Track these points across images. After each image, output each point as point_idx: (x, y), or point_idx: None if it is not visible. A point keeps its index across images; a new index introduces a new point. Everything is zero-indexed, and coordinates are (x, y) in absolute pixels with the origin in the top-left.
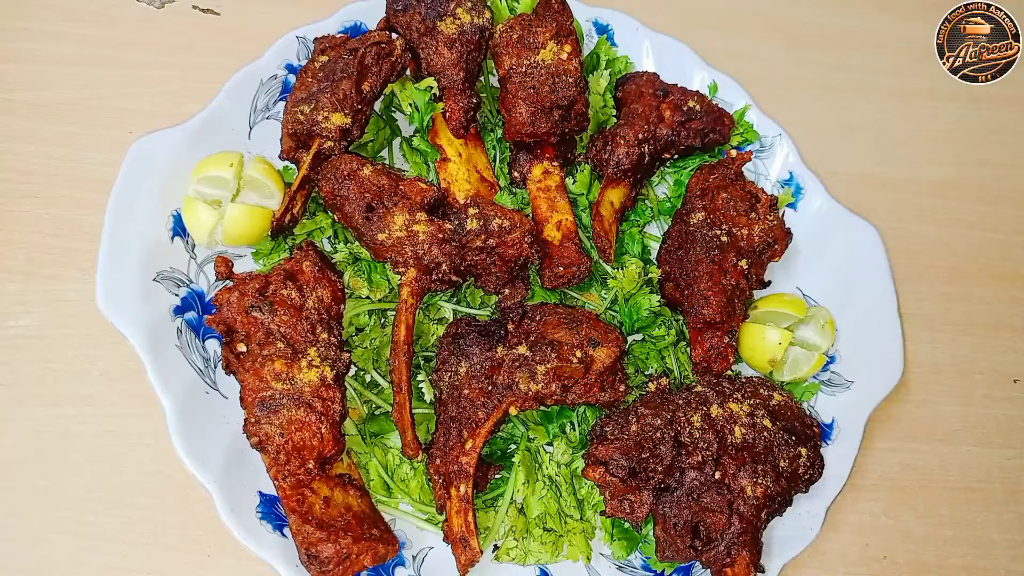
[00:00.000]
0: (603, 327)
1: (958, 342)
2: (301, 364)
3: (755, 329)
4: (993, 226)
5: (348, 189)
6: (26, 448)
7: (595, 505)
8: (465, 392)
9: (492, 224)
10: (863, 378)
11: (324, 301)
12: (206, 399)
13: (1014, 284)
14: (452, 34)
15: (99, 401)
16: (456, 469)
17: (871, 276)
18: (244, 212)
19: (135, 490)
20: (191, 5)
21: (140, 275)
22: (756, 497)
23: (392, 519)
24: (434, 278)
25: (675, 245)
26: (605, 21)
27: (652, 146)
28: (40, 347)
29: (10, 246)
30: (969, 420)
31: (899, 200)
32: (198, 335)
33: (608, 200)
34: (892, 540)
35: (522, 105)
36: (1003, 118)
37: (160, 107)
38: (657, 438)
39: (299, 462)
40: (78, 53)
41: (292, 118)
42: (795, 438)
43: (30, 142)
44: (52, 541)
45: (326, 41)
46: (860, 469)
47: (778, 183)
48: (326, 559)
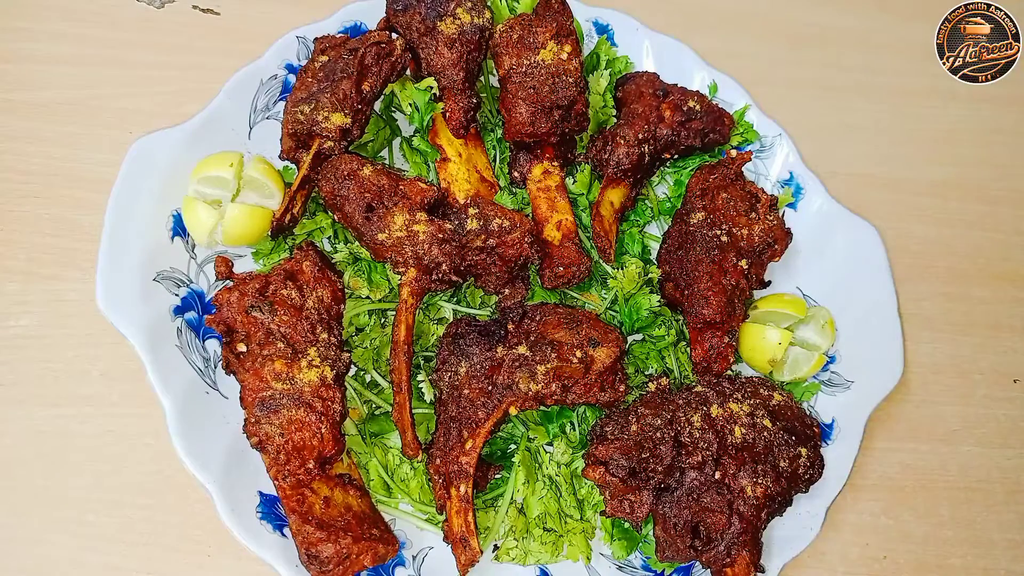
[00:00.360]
0: (603, 327)
1: (958, 342)
2: (301, 364)
3: (755, 329)
4: (993, 226)
5: (348, 189)
6: (26, 448)
7: (595, 505)
8: (465, 392)
9: (492, 224)
10: (863, 378)
11: (324, 301)
12: (206, 399)
13: (1014, 284)
14: (452, 34)
15: (99, 401)
16: (456, 469)
17: (871, 276)
18: (244, 212)
19: (135, 490)
20: (191, 5)
21: (140, 275)
22: (756, 497)
23: (392, 519)
24: (434, 278)
25: (675, 245)
26: (605, 21)
27: (652, 146)
28: (40, 347)
29: (10, 246)
30: (969, 420)
31: (899, 200)
32: (198, 335)
33: (608, 200)
34: (892, 540)
35: (522, 105)
36: (1003, 118)
37: (160, 107)
38: (657, 438)
39: (299, 462)
40: (78, 53)
41: (292, 118)
42: (795, 438)
43: (30, 142)
44: (52, 541)
45: (326, 41)
46: (860, 469)
47: (778, 183)
48: (326, 559)
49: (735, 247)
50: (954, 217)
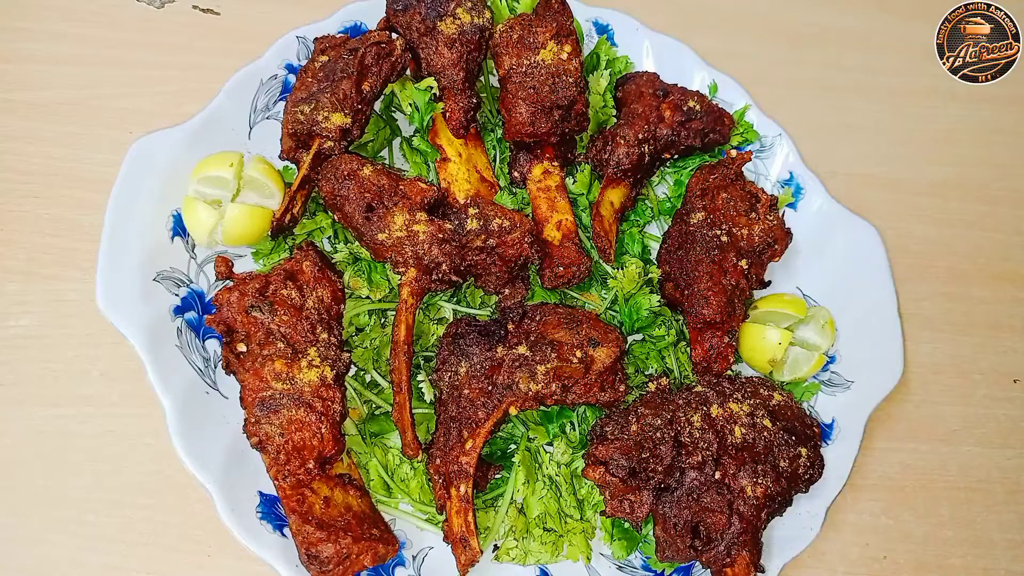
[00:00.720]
0: (603, 327)
1: (958, 342)
2: (301, 364)
3: (755, 329)
4: (993, 226)
5: (348, 189)
6: (26, 448)
7: (595, 505)
8: (465, 392)
9: (492, 224)
10: (863, 378)
11: (324, 301)
12: (206, 399)
13: (1014, 284)
14: (452, 34)
15: (99, 401)
16: (456, 469)
17: (871, 276)
18: (244, 212)
19: (135, 490)
20: (191, 5)
21: (140, 275)
22: (756, 497)
23: (392, 519)
24: (434, 278)
25: (675, 245)
26: (605, 21)
27: (652, 146)
28: (40, 347)
29: (10, 246)
30: (969, 420)
31: (899, 200)
32: (198, 335)
33: (608, 200)
34: (892, 540)
35: (522, 105)
36: (1003, 118)
37: (160, 107)
38: (657, 438)
39: (299, 462)
40: (78, 53)
41: (292, 118)
42: (795, 438)
43: (30, 142)
44: (52, 541)
45: (326, 41)
46: (860, 469)
47: (778, 183)
48: (326, 559)
49: (735, 247)
50: (954, 217)
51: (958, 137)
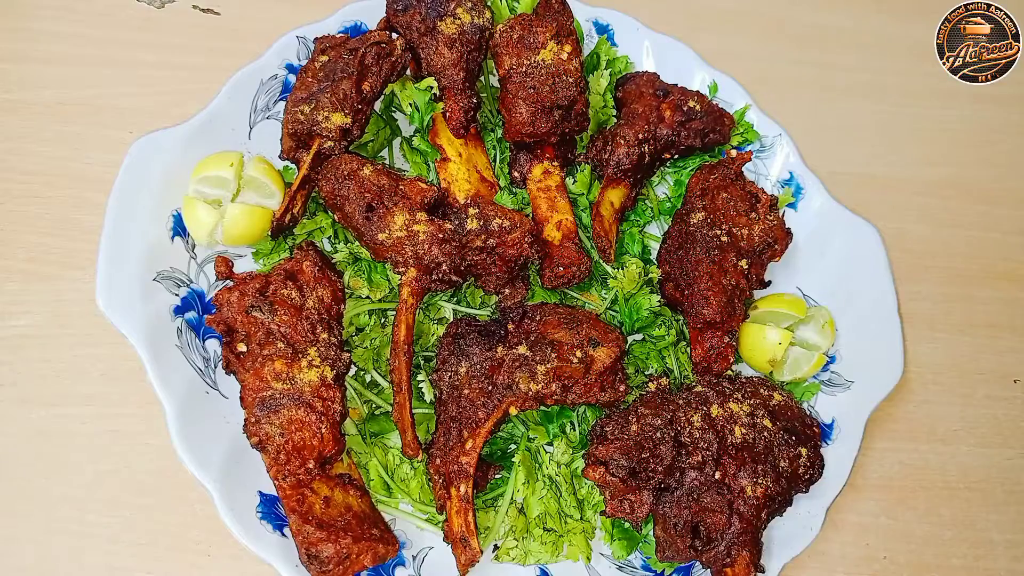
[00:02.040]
0: (603, 327)
1: (958, 342)
2: (301, 364)
3: (755, 329)
4: (993, 226)
5: (348, 189)
6: (26, 448)
7: (595, 505)
8: (465, 392)
9: (492, 224)
10: (863, 378)
11: (324, 301)
12: (206, 399)
13: (1014, 284)
14: (452, 34)
15: (99, 401)
16: (456, 469)
17: (871, 276)
18: (244, 212)
19: (135, 490)
20: (191, 5)
21: (140, 275)
22: (756, 497)
23: (392, 519)
24: (434, 278)
25: (675, 245)
26: (605, 21)
27: (652, 146)
28: (40, 347)
29: (10, 246)
30: (969, 420)
31: (899, 200)
32: (198, 335)
33: (608, 200)
34: (892, 540)
35: (522, 105)
36: (1003, 118)
37: (160, 107)
38: (657, 438)
39: (299, 462)
40: (78, 53)
41: (292, 118)
42: (795, 438)
43: (30, 142)
44: (52, 541)
45: (326, 41)
46: (860, 469)
47: (778, 183)
48: (326, 559)
49: (735, 247)
50: (954, 217)
51: (958, 137)
